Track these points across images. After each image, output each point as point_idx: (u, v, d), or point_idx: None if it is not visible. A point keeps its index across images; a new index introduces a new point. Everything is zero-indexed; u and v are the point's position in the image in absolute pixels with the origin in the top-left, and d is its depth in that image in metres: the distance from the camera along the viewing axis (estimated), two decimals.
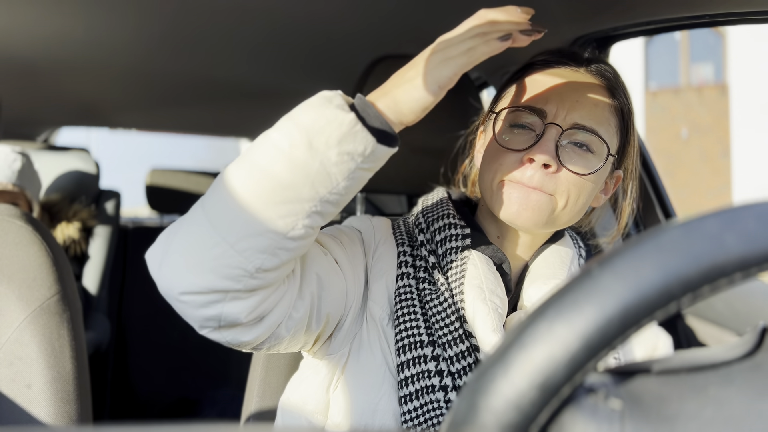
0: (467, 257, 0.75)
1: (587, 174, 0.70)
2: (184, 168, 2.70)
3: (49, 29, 1.48)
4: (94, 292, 2.05)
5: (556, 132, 0.70)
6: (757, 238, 0.28)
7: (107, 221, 2.17)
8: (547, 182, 0.69)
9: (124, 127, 2.79)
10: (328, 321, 0.71)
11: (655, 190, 1.23)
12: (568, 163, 0.70)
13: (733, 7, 0.93)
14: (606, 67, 0.77)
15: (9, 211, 0.90)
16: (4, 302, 0.83)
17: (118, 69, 1.86)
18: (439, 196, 0.84)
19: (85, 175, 2.24)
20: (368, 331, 0.74)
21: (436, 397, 0.69)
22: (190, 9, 1.34)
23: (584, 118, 0.71)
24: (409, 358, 0.71)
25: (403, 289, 0.75)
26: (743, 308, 0.91)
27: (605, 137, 0.71)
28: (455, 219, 0.78)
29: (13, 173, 1.74)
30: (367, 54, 1.15)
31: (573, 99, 0.71)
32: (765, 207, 0.29)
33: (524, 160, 0.70)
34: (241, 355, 2.31)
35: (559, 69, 0.75)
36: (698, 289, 0.28)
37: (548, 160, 0.68)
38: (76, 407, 0.84)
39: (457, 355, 0.71)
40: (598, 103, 0.72)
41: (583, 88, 0.73)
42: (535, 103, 0.72)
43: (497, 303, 0.71)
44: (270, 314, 0.62)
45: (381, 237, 0.80)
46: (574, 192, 0.70)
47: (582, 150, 0.71)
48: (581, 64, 0.76)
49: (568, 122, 0.70)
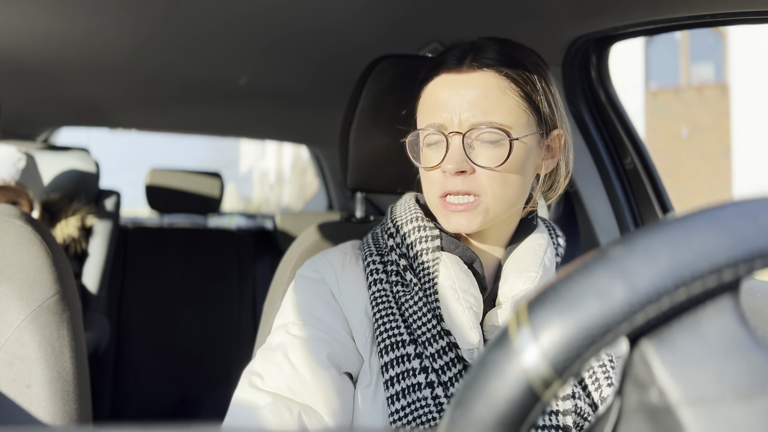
0: (438, 258, 0.77)
1: (500, 165, 0.73)
2: (184, 168, 2.70)
3: (49, 29, 1.48)
4: (93, 291, 2.05)
5: (458, 139, 0.73)
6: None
7: (107, 221, 2.17)
8: (470, 184, 0.73)
9: (124, 127, 2.79)
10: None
11: (653, 185, 1.23)
12: (480, 161, 0.73)
13: (733, 7, 0.93)
14: (490, 48, 0.77)
15: (9, 211, 0.90)
16: (4, 302, 0.83)
17: (118, 69, 1.86)
18: (407, 201, 0.86)
19: (85, 174, 2.24)
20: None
21: (423, 395, 0.71)
22: (190, 9, 1.34)
23: (477, 115, 0.73)
24: (392, 358, 0.73)
25: (378, 293, 0.78)
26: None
27: (505, 122, 0.73)
28: (423, 221, 0.80)
29: (17, 172, 1.76)
30: (367, 54, 1.14)
31: (461, 101, 0.74)
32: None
33: (443, 173, 0.74)
34: (241, 355, 2.31)
35: (441, 77, 0.77)
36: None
37: (459, 167, 0.72)
38: (76, 407, 0.84)
39: (438, 352, 0.73)
40: (487, 93, 0.74)
41: (466, 87, 0.75)
42: (433, 119, 0.76)
43: (471, 301, 0.73)
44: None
45: (338, 268, 0.82)
46: (497, 184, 0.74)
47: (489, 144, 0.74)
48: (462, 60, 0.77)
49: (465, 126, 0.74)
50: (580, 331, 0.27)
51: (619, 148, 1.27)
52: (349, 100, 1.05)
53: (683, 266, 0.28)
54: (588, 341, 0.27)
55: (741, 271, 0.28)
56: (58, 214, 1.98)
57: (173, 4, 1.32)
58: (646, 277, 0.28)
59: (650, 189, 1.23)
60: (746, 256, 0.28)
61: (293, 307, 0.79)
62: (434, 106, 0.77)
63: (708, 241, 0.28)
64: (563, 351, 0.27)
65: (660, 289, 0.27)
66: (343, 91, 1.89)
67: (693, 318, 0.29)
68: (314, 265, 0.83)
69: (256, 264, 2.66)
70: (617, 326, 0.27)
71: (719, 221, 0.29)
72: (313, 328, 0.76)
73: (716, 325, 0.29)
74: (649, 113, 12.10)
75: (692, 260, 0.28)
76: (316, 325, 0.76)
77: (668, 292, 0.27)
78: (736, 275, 0.28)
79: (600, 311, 0.28)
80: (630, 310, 0.27)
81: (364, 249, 0.85)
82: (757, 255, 0.28)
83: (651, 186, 1.23)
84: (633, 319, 0.27)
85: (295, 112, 2.40)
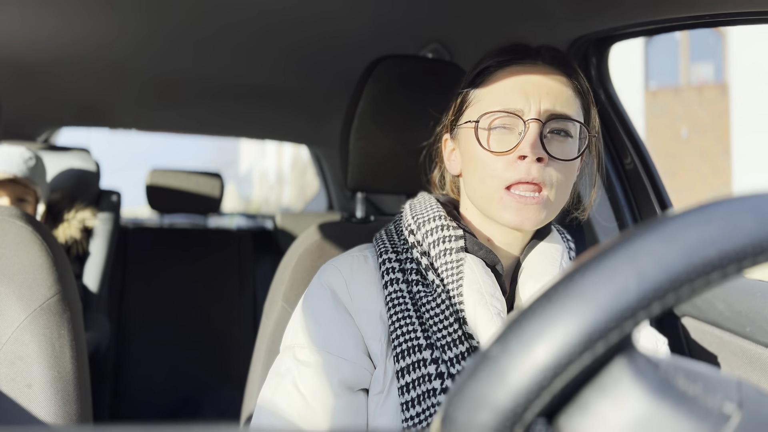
0: (462, 260, 0.74)
1: (573, 159, 0.74)
2: (184, 168, 2.70)
3: (49, 29, 1.48)
4: (94, 291, 2.05)
5: (538, 126, 0.72)
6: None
7: (108, 221, 2.17)
8: (542, 174, 0.71)
9: (124, 127, 2.79)
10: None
11: (653, 185, 1.23)
12: (554, 153, 0.72)
13: (733, 7, 0.93)
14: (555, 52, 0.78)
15: (9, 211, 0.90)
16: (4, 302, 0.83)
17: (118, 69, 1.86)
18: (426, 199, 0.84)
19: (85, 174, 2.24)
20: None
21: (438, 400, 0.69)
22: (190, 9, 1.34)
23: (556, 106, 0.73)
24: (408, 363, 0.70)
25: (394, 294, 0.75)
26: (743, 308, 0.91)
27: (578, 118, 0.75)
28: (446, 220, 0.77)
29: (28, 168, 1.79)
30: (367, 54, 1.15)
31: (540, 91, 0.74)
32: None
33: (515, 160, 0.72)
34: (241, 355, 2.31)
35: (516, 66, 0.77)
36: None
37: (540, 154, 0.71)
38: (76, 407, 0.84)
39: (457, 357, 0.70)
40: (562, 90, 0.75)
41: (545, 79, 0.75)
42: (508, 104, 0.74)
43: (498, 307, 0.71)
44: None
45: (347, 274, 0.79)
46: (563, 180, 0.73)
47: (562, 137, 0.74)
48: (535, 57, 0.77)
49: (544, 115, 0.73)
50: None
51: (619, 148, 1.26)
52: (350, 100, 1.05)
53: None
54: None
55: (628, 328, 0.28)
56: (61, 215, 1.99)
57: (173, 5, 1.32)
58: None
59: (650, 189, 1.23)
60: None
61: (302, 327, 0.77)
62: (508, 91, 0.75)
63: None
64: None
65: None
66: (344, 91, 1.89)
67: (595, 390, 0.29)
68: (321, 277, 0.80)
69: (257, 264, 2.66)
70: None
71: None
72: (323, 352, 0.74)
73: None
74: (648, 113, 12.10)
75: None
76: (325, 348, 0.74)
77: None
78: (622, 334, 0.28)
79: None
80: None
81: (377, 245, 0.82)
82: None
83: (651, 186, 1.23)
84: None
85: (296, 112, 2.40)
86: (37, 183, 1.82)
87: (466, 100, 0.80)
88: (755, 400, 0.28)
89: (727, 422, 0.27)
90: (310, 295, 0.80)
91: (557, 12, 1.14)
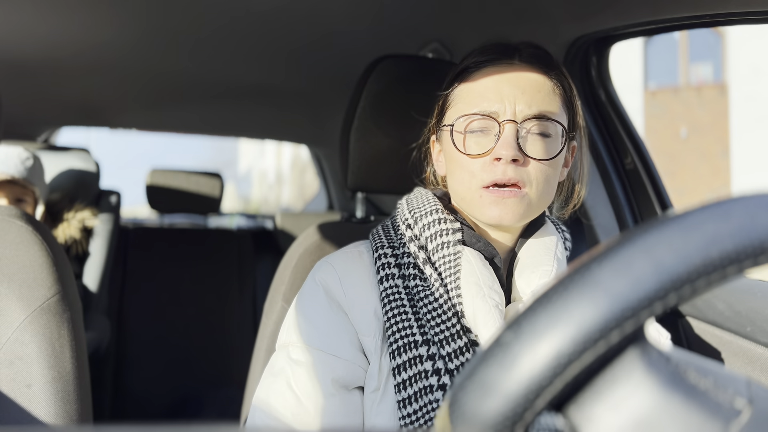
0: (460, 253, 0.74)
1: (551, 159, 0.73)
2: (184, 168, 2.70)
3: (49, 29, 1.48)
4: (94, 291, 2.05)
5: (513, 127, 0.72)
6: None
7: (108, 221, 2.17)
8: (519, 174, 0.72)
9: (124, 127, 2.79)
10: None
11: (653, 185, 1.23)
12: (531, 153, 0.72)
13: (733, 7, 0.93)
14: (535, 50, 0.78)
15: (9, 211, 0.90)
16: (4, 302, 0.83)
17: (118, 69, 1.86)
18: (423, 193, 0.84)
19: (85, 174, 2.24)
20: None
21: (435, 396, 0.68)
22: (190, 9, 1.34)
23: (532, 106, 0.73)
24: (405, 360, 0.70)
25: (390, 290, 0.75)
26: (743, 308, 0.91)
27: (557, 118, 0.74)
28: (444, 214, 0.78)
29: (26, 169, 1.79)
30: (367, 54, 1.15)
31: (516, 92, 0.73)
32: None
33: (491, 161, 0.72)
34: (241, 355, 2.31)
35: (491, 67, 0.77)
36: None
37: (515, 155, 0.71)
38: (76, 407, 0.84)
39: (455, 351, 0.70)
40: (540, 88, 0.74)
41: (522, 78, 0.75)
42: (483, 107, 0.74)
43: (496, 299, 0.71)
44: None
45: (341, 270, 0.79)
46: (542, 179, 0.73)
47: (540, 137, 0.73)
48: (512, 56, 0.77)
49: (520, 115, 0.73)
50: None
51: (620, 147, 1.27)
52: (350, 100, 1.05)
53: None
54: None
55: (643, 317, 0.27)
56: (60, 215, 1.99)
57: (173, 5, 1.32)
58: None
59: (650, 189, 1.23)
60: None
61: (296, 326, 0.77)
62: (484, 93, 0.75)
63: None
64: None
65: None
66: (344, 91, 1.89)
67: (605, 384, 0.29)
68: (315, 274, 0.81)
69: (257, 264, 2.66)
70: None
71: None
72: (316, 350, 0.74)
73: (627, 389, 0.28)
74: (648, 113, 12.10)
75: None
76: (319, 346, 0.74)
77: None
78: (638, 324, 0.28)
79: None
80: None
81: (374, 241, 0.82)
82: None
83: (651, 186, 1.23)
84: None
85: (296, 112, 2.40)
86: (35, 183, 1.82)
87: (447, 102, 0.81)
88: (765, 398, 0.28)
89: (738, 417, 0.27)
90: (303, 293, 0.80)
91: (557, 12, 1.14)
